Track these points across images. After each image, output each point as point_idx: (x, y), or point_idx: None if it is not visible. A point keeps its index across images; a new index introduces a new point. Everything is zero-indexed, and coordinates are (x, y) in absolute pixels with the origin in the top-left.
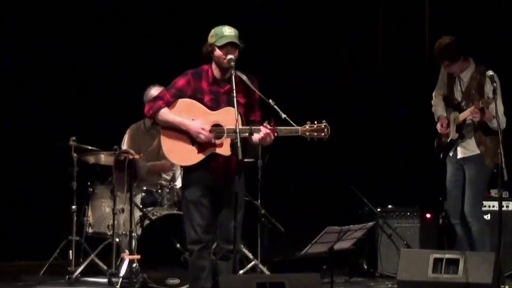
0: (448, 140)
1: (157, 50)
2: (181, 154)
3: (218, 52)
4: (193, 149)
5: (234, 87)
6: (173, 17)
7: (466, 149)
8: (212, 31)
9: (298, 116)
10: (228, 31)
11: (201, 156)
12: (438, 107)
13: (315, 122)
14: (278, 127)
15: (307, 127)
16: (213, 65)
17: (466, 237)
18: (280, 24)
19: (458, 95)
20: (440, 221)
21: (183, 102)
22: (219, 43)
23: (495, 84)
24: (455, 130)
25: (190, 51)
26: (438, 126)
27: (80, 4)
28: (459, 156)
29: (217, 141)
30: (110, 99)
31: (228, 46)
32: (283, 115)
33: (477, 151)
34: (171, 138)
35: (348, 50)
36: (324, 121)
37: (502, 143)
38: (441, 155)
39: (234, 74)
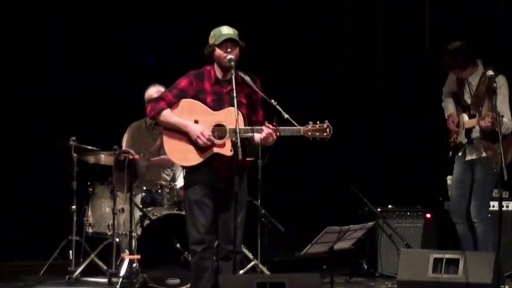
0: (457, 142)
1: (158, 50)
2: (184, 155)
3: (218, 51)
4: (196, 149)
5: (234, 87)
6: (174, 16)
7: (475, 151)
8: (212, 33)
9: (298, 116)
10: (226, 30)
11: (203, 156)
12: (449, 104)
13: (318, 122)
14: (281, 127)
15: (309, 127)
16: (215, 66)
17: (469, 237)
18: (280, 24)
19: (467, 98)
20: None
21: (185, 103)
22: (217, 42)
23: (495, 84)
24: (464, 134)
25: (191, 50)
26: (449, 123)
27: (80, 4)
28: (468, 158)
29: (219, 141)
30: (110, 99)
31: (227, 44)
32: (286, 115)
33: (485, 154)
34: (174, 139)
35: (348, 50)
36: (326, 121)
37: (502, 143)
38: (450, 154)
39: (234, 74)
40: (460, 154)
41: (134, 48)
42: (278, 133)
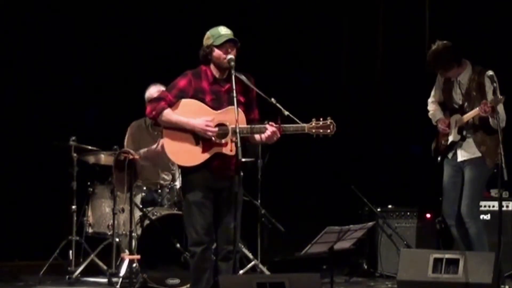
0: (448, 143)
1: (157, 50)
2: (185, 155)
3: (217, 52)
4: (197, 149)
5: (234, 87)
6: (173, 16)
7: (467, 152)
8: (208, 33)
9: (298, 116)
10: (224, 30)
11: (205, 156)
12: (437, 111)
13: (321, 119)
14: (284, 125)
15: (313, 124)
16: (212, 66)
17: (462, 239)
18: (280, 24)
19: (458, 99)
20: (438, 226)
21: (186, 102)
22: (217, 43)
23: (495, 84)
24: (456, 132)
25: (190, 50)
26: (440, 127)
27: (80, 4)
28: (460, 159)
29: (222, 141)
30: (110, 98)
31: (227, 44)
32: (286, 112)
33: (478, 154)
34: (174, 139)
35: (348, 50)
36: (329, 118)
37: (502, 143)
38: (439, 159)
39: (234, 73)
40: (450, 156)
41: (134, 48)
42: (281, 131)
